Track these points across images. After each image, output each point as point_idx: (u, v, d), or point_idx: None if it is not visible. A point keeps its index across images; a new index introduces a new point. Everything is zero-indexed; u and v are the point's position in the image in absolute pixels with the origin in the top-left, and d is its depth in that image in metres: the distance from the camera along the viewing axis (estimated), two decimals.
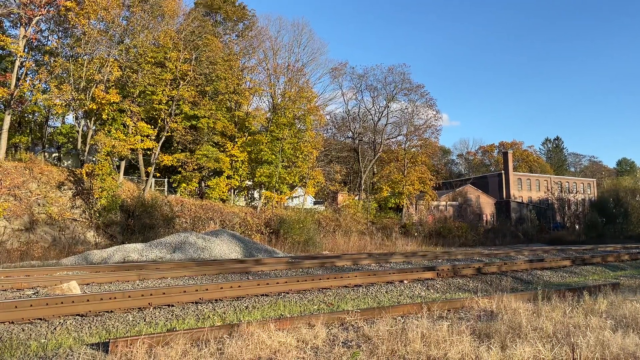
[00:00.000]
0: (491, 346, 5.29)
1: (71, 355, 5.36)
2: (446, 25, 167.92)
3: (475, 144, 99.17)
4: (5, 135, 27.30)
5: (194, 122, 34.41)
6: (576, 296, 8.85)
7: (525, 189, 72.64)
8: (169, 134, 32.97)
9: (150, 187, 32.49)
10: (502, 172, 71.20)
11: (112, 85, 30.10)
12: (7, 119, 27.32)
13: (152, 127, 32.18)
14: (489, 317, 7.24)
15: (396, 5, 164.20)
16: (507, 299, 8.10)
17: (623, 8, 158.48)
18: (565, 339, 5.56)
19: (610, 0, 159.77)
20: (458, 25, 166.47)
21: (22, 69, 28.89)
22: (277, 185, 36.38)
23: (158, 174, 34.43)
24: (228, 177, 35.92)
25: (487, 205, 60.82)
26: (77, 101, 28.66)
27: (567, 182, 75.93)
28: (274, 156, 36.03)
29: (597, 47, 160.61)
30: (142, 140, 31.23)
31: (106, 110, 29.20)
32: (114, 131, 29.92)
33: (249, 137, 37.68)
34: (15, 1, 27.71)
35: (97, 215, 26.98)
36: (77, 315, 7.66)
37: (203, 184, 36.64)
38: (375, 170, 50.98)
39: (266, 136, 36.94)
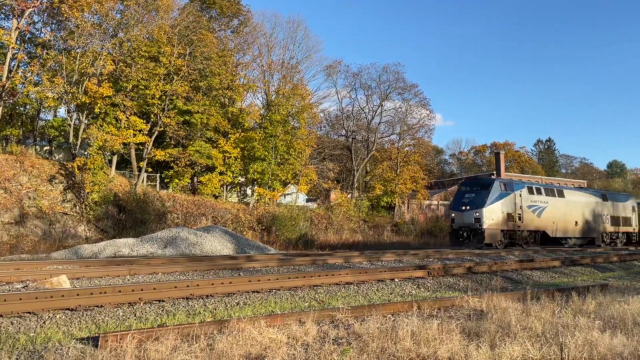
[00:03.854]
0: (480, 345, 5.33)
1: (60, 350, 5.34)
2: (441, 25, 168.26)
3: (468, 144, 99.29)
4: None
5: (187, 118, 34.28)
6: (565, 296, 8.93)
7: None
8: (162, 129, 32.82)
9: (143, 182, 32.36)
10: (494, 172, 71.46)
11: (105, 79, 29.91)
12: None
13: (145, 121, 32.03)
14: (478, 316, 7.28)
15: (391, 4, 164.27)
16: (496, 299, 8.15)
17: (616, 12, 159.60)
18: (554, 339, 5.60)
19: (603, 5, 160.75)
20: (453, 26, 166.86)
21: (14, 61, 28.63)
22: (269, 182, 36.35)
23: (150, 169, 34.29)
24: (221, 173, 35.84)
25: None
26: (70, 94, 28.46)
27: (559, 183, 76.34)
28: (267, 153, 35.99)
29: (590, 50, 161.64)
30: (134, 135, 31.09)
31: (99, 104, 29.02)
32: (106, 125, 29.75)
33: (242, 134, 37.60)
34: None
35: (89, 209, 26.84)
36: (66, 309, 7.62)
37: (195, 180, 36.54)
38: (368, 168, 51.06)
39: (259, 133, 36.87)
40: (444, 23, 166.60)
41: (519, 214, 27.98)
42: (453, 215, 28.29)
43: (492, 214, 26.62)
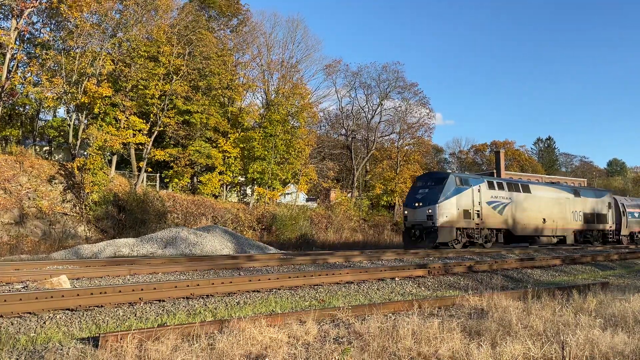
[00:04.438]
0: (481, 344, 5.31)
1: (61, 350, 5.33)
2: (441, 25, 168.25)
3: (468, 142, 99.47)
4: None
5: (186, 117, 34.27)
6: (566, 295, 8.91)
7: None
8: (162, 128, 32.82)
9: (142, 182, 32.35)
10: (494, 171, 71.46)
11: (105, 79, 29.89)
12: None
13: (145, 121, 32.01)
14: (479, 315, 7.27)
15: (391, 3, 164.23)
16: (497, 297, 8.13)
17: (616, 11, 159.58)
18: (555, 337, 5.59)
19: (602, 4, 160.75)
20: (453, 26, 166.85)
21: (13, 61, 28.60)
22: (269, 181, 36.34)
23: (150, 169, 34.28)
24: (220, 173, 35.83)
25: None
26: (69, 94, 28.44)
27: (558, 181, 76.29)
28: (266, 152, 36.00)
29: (590, 49, 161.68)
30: (134, 135, 31.08)
31: (98, 104, 29.01)
32: (106, 125, 29.74)
33: (242, 133, 37.60)
34: None
35: (88, 209, 26.83)
36: (67, 309, 7.60)
37: (195, 180, 36.54)
38: (368, 167, 51.05)
39: (259, 132, 36.87)
40: (443, 22, 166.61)
41: (478, 211, 25.65)
42: (406, 212, 26.10)
43: (447, 211, 24.33)
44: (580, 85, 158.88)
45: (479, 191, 25.91)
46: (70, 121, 29.91)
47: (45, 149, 35.33)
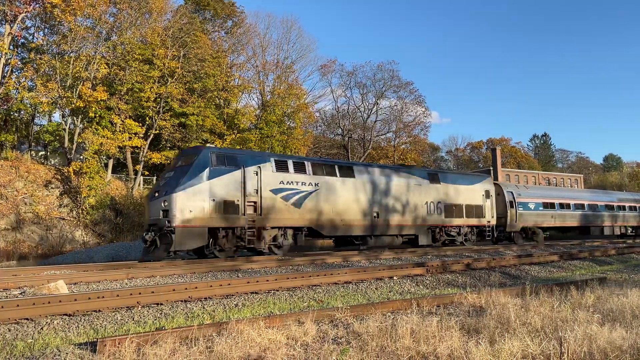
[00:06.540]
0: (480, 341, 5.31)
1: (58, 356, 5.31)
2: (436, 23, 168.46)
3: (464, 140, 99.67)
4: None
5: (182, 120, 34.23)
6: (564, 291, 8.92)
7: None
8: (158, 131, 32.76)
9: (139, 186, 32.28)
10: (491, 168, 71.62)
11: (100, 83, 29.84)
12: None
13: (140, 124, 31.96)
14: (478, 313, 7.27)
15: (386, 2, 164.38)
16: (495, 294, 8.14)
17: (612, 8, 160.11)
18: (553, 333, 5.60)
19: (599, 1, 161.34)
20: (448, 24, 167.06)
21: (8, 66, 28.52)
22: None
23: (147, 172, 34.23)
24: None
25: None
26: (64, 99, 28.37)
27: (555, 177, 76.58)
28: None
29: (585, 44, 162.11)
30: (130, 138, 31.03)
31: (93, 108, 28.95)
32: (102, 129, 29.68)
33: (238, 135, 37.56)
34: None
35: (85, 213, 26.76)
36: (64, 314, 7.58)
37: None
38: None
39: (255, 133, 36.83)
40: (439, 21, 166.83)
41: (254, 202, 18.01)
42: (147, 207, 17.94)
43: (191, 203, 16.46)
44: (576, 82, 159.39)
45: (256, 174, 18.21)
46: (66, 125, 29.84)
47: (41, 153, 35.25)
